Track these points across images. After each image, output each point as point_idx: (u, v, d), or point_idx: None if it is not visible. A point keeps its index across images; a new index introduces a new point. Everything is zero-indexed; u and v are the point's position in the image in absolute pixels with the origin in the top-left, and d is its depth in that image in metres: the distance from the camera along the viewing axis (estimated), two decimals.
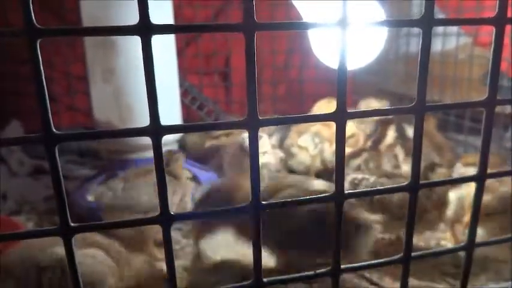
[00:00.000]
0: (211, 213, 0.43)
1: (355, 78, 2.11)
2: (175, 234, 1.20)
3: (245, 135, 1.23)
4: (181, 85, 1.60)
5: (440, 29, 1.68)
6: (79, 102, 1.83)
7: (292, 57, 2.10)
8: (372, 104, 1.60)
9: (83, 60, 1.39)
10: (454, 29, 1.65)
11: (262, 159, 1.24)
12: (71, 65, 1.79)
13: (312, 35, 1.46)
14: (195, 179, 1.40)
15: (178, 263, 1.05)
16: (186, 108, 1.84)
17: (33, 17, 0.33)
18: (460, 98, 1.61)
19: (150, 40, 0.35)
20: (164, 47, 1.35)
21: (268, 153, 1.30)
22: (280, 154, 1.39)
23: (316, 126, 1.46)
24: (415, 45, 1.83)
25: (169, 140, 1.40)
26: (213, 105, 1.98)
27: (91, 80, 1.34)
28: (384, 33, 1.30)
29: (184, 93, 1.87)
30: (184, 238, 1.18)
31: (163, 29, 0.35)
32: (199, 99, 1.95)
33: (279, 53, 2.04)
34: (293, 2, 1.48)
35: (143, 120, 0.36)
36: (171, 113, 1.37)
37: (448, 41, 1.68)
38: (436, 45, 1.69)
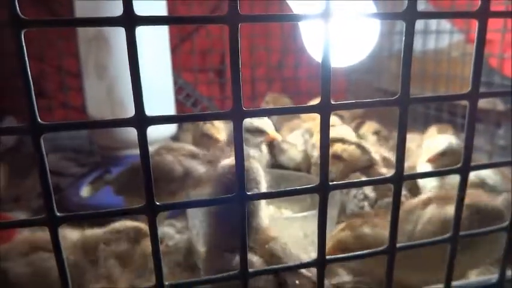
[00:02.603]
0: (197, 203, 0.44)
1: (348, 77, 2.12)
2: (169, 230, 1.20)
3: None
4: (175, 82, 1.61)
5: (433, 26, 1.69)
6: (72, 99, 1.82)
7: (287, 55, 2.10)
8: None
9: (76, 56, 1.39)
10: (447, 26, 1.66)
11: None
12: (64, 61, 1.79)
13: (305, 33, 1.46)
14: None
15: (171, 258, 1.05)
16: (180, 105, 1.84)
17: (18, 8, 0.33)
18: None
19: (134, 32, 0.35)
20: (158, 43, 1.36)
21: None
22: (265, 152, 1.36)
23: (308, 123, 1.47)
24: None
25: (162, 138, 1.40)
26: (208, 102, 1.98)
27: (84, 75, 1.34)
28: (375, 29, 1.30)
29: (179, 90, 1.87)
30: (178, 234, 1.19)
31: (148, 21, 0.36)
32: (193, 96, 1.95)
33: (274, 51, 2.05)
34: (287, 1, 1.48)
35: None
36: (164, 109, 1.38)
37: (441, 38, 1.69)
38: (429, 43, 1.70)
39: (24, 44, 0.34)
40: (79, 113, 1.77)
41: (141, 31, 0.36)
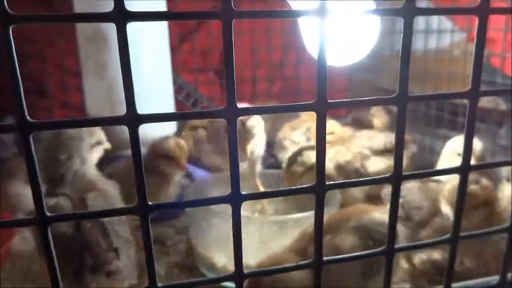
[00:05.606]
0: (190, 203, 0.43)
1: (349, 76, 2.11)
2: (168, 230, 1.20)
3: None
4: (174, 82, 1.60)
5: (435, 25, 1.68)
6: (73, 98, 1.81)
7: (288, 54, 2.09)
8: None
9: (76, 54, 1.38)
10: (448, 25, 1.65)
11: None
12: (65, 59, 1.78)
13: (306, 31, 1.45)
14: (189, 175, 1.40)
15: (169, 260, 1.05)
16: (180, 105, 1.84)
17: (6, 3, 0.33)
18: None
19: (125, 27, 0.35)
20: (157, 43, 1.35)
21: (259, 135, 1.18)
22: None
23: (309, 123, 1.47)
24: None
25: None
26: (208, 103, 1.98)
27: (84, 74, 1.34)
28: (376, 28, 1.29)
29: (178, 90, 1.87)
30: (177, 234, 1.19)
31: (139, 16, 0.35)
32: (193, 96, 1.94)
33: (275, 49, 2.03)
34: (288, 0, 1.47)
35: None
36: (163, 109, 1.37)
37: (442, 38, 1.67)
38: (431, 43, 1.69)
39: (12, 40, 0.34)
40: (79, 112, 1.76)
41: (141, 31, 0.35)
